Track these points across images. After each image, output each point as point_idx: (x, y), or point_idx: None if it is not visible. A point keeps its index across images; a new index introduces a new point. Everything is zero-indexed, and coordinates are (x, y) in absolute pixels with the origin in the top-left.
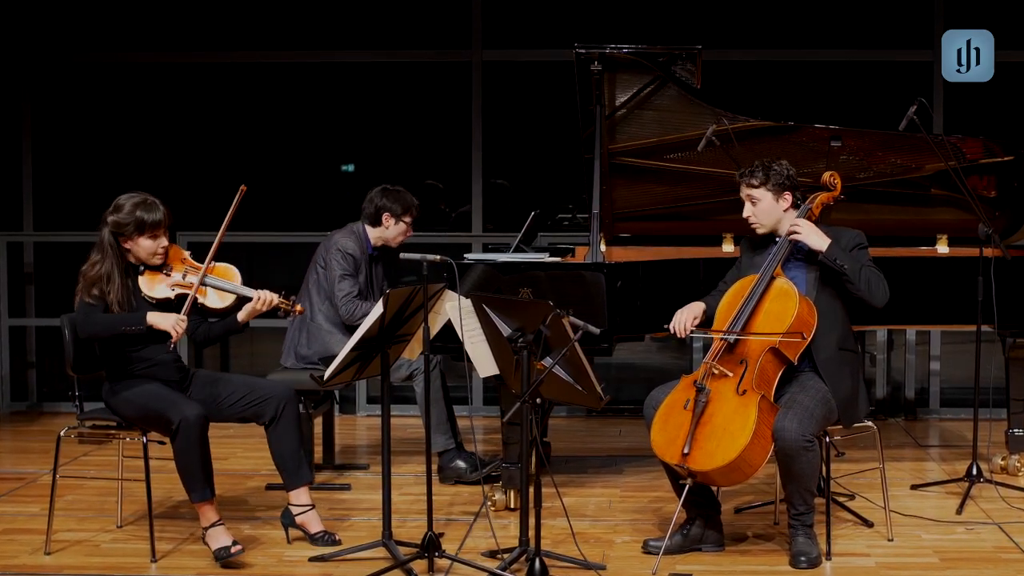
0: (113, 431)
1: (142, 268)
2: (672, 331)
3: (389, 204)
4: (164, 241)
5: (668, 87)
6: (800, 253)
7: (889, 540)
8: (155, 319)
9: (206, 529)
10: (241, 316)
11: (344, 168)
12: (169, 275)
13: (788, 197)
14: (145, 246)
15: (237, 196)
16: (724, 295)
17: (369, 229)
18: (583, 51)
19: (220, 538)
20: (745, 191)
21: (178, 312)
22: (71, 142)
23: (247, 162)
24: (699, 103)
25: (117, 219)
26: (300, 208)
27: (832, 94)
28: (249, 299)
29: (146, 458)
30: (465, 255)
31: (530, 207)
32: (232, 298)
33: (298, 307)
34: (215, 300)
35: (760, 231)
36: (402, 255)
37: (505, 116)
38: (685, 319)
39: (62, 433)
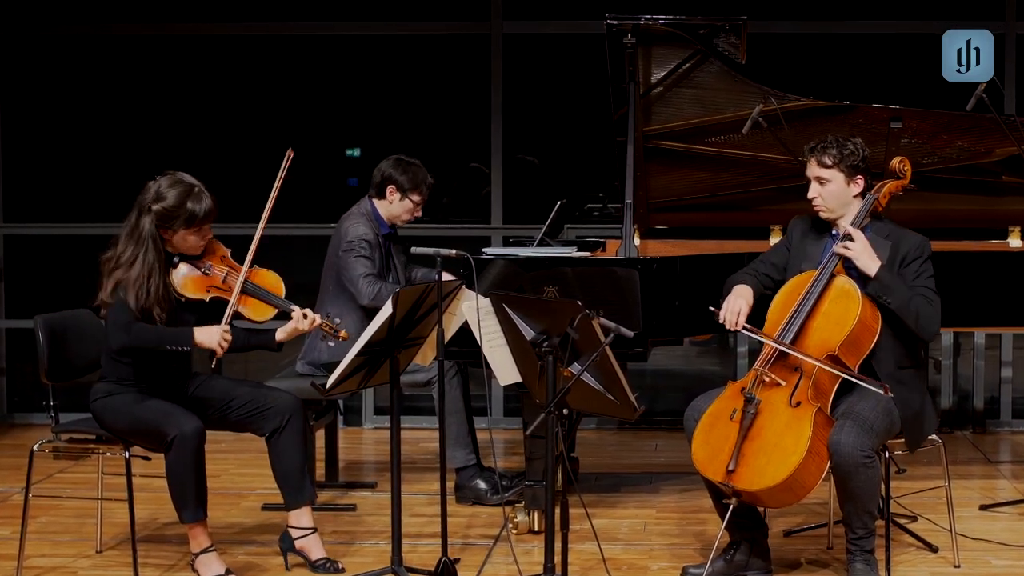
0: (92, 445)
1: (176, 260)
2: (721, 320)
3: (397, 176)
4: (209, 234)
5: (710, 63)
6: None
7: (956, 567)
8: (202, 337)
9: (196, 555)
10: (280, 336)
11: (349, 153)
12: (207, 274)
13: (860, 181)
14: (191, 241)
15: (285, 161)
16: (777, 291)
17: (376, 203)
18: (615, 22)
19: (212, 565)
20: (814, 170)
21: (216, 319)
22: (45, 124)
23: (242, 147)
24: (744, 80)
25: (164, 208)
26: (299, 198)
27: (891, 70)
28: (288, 315)
29: (128, 476)
30: (484, 249)
31: (556, 196)
32: (271, 313)
33: (343, 332)
34: (256, 312)
35: (825, 215)
36: (414, 249)
37: (528, 95)
38: (739, 308)
39: (35, 447)
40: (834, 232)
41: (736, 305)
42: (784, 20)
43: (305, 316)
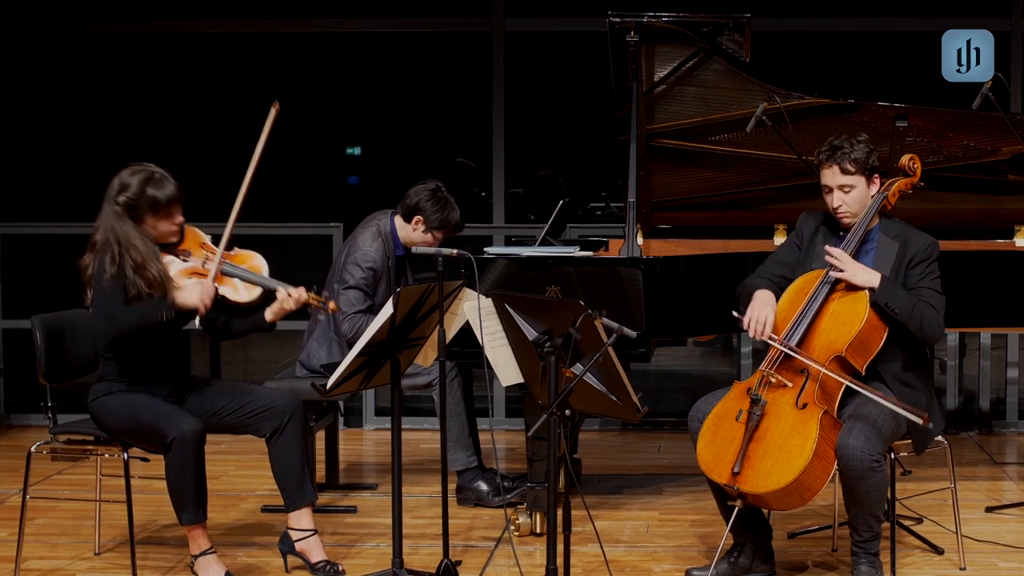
0: (91, 447)
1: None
2: (745, 327)
3: (429, 210)
4: (180, 218)
5: (713, 60)
6: (871, 243)
7: (961, 569)
8: (183, 297)
9: (195, 557)
10: (269, 315)
11: (349, 151)
12: (187, 261)
13: (877, 180)
14: (161, 228)
15: (271, 116)
16: (784, 291)
17: (399, 223)
18: (618, 20)
19: (212, 568)
20: (838, 179)
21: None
22: (41, 124)
23: (241, 145)
24: (748, 78)
25: (128, 199)
26: (299, 197)
27: (896, 68)
28: (274, 293)
29: (127, 477)
30: (485, 249)
31: (558, 195)
32: (256, 292)
33: (331, 304)
34: (240, 292)
35: (849, 221)
36: (415, 249)
37: (530, 93)
38: (765, 317)
39: (33, 449)
40: (841, 233)
41: (763, 314)
42: (789, 17)
43: (289, 295)
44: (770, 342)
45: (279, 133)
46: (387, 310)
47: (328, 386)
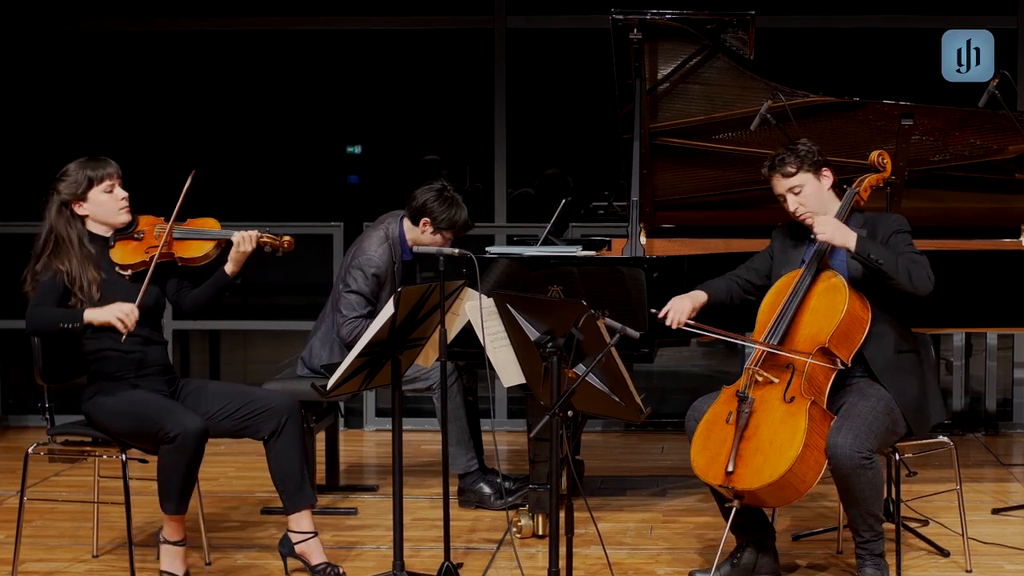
0: (88, 448)
1: (112, 242)
2: (660, 316)
3: (436, 211)
4: (123, 192)
5: (717, 58)
6: None
7: (967, 571)
8: (93, 315)
9: (165, 542)
10: (229, 267)
11: (350, 150)
12: (142, 240)
13: (828, 174)
14: (104, 201)
15: (187, 181)
16: (766, 293)
17: (407, 227)
18: (620, 17)
19: (175, 562)
20: (783, 184)
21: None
22: (35, 121)
23: (239, 144)
24: (752, 76)
25: (66, 182)
26: (299, 196)
27: (902, 65)
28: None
29: (125, 478)
30: (487, 248)
31: (567, 194)
32: (211, 246)
33: (287, 238)
34: (192, 250)
35: (811, 222)
36: (416, 248)
37: (531, 91)
38: (682, 308)
39: (30, 450)
40: (812, 236)
41: (680, 304)
42: (793, 15)
43: (242, 238)
44: (687, 328)
45: (278, 131)
46: (388, 310)
47: (328, 387)
